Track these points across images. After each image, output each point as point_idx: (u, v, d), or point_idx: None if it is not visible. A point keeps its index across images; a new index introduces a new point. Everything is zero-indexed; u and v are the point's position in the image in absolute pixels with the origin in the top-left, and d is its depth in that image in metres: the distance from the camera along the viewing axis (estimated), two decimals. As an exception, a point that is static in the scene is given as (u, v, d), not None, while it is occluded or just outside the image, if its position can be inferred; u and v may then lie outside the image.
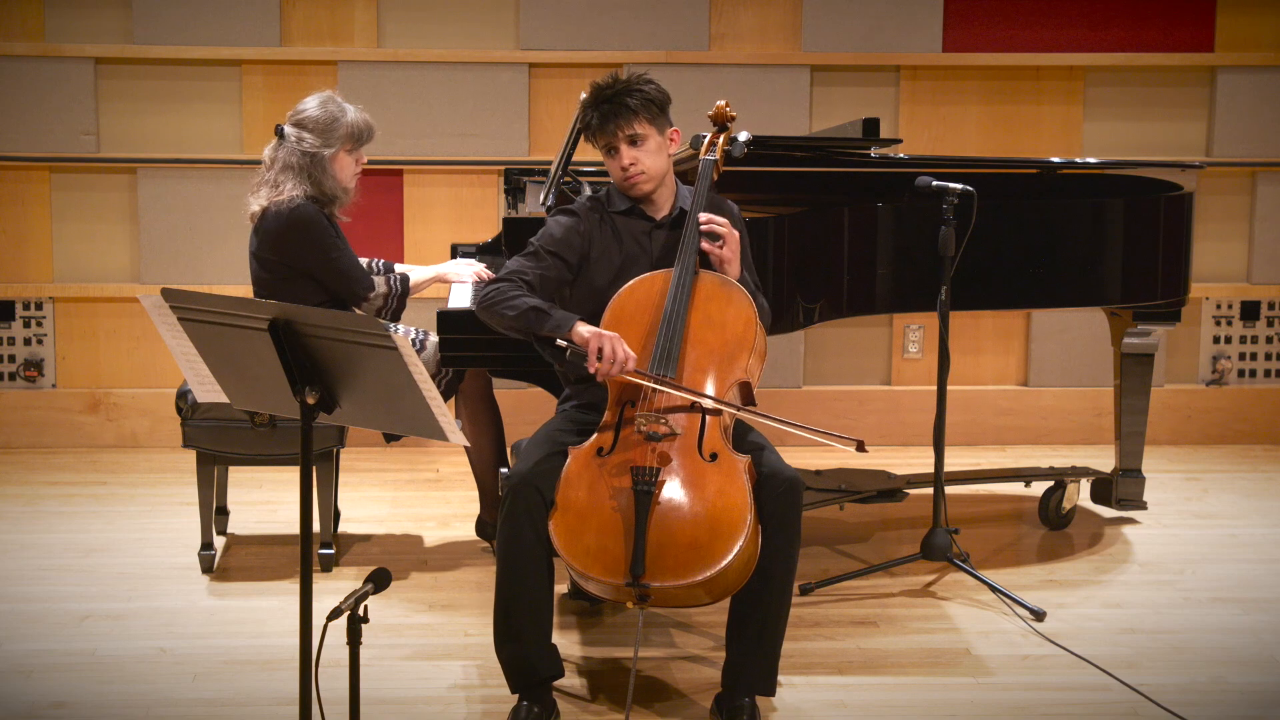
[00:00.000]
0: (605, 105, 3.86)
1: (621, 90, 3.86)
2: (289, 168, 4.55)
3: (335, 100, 4.62)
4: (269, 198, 4.55)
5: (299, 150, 4.55)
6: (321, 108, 4.58)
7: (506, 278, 3.89)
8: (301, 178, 4.54)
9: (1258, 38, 6.48)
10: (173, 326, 3.09)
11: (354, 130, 4.60)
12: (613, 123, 3.84)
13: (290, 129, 4.58)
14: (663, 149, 3.92)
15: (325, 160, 4.56)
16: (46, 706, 3.77)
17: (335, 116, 4.58)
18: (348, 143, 4.59)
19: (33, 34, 6.17)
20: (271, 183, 4.57)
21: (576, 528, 3.56)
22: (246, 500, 5.45)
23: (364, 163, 4.69)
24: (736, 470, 3.60)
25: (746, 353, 3.79)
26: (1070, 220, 4.90)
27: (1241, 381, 6.64)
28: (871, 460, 6.13)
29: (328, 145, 4.56)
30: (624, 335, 3.78)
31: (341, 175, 4.61)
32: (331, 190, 4.58)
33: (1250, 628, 4.40)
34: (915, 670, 4.06)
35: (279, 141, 4.59)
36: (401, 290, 4.63)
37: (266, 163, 4.61)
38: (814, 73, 6.35)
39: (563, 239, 3.95)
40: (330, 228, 4.57)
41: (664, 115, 3.91)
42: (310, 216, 4.51)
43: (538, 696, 3.67)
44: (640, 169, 3.88)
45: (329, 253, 4.53)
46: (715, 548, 3.48)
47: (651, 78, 3.94)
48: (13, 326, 6.28)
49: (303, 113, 4.59)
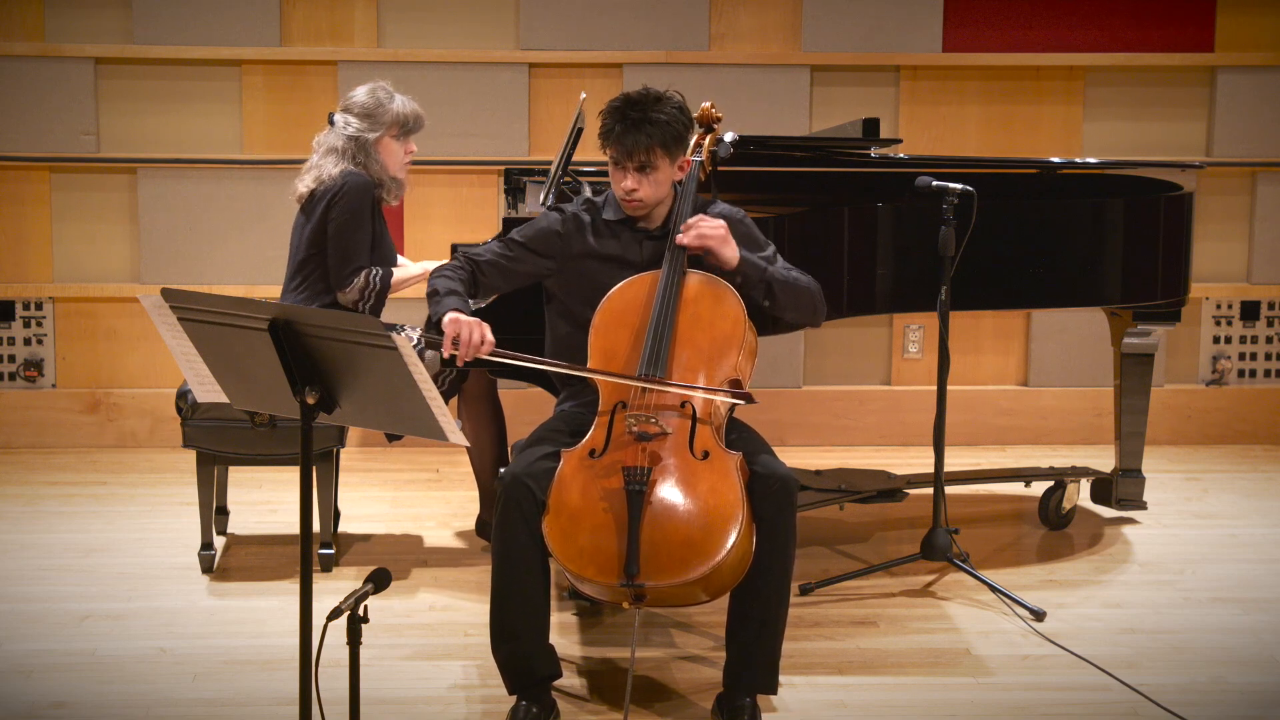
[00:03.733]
0: (628, 122, 3.81)
1: (648, 112, 3.80)
2: (333, 150, 4.65)
3: (385, 88, 4.71)
4: (315, 179, 4.63)
5: (344, 134, 4.63)
6: (370, 95, 4.68)
7: (457, 258, 3.99)
8: (346, 160, 4.63)
9: (1258, 38, 6.48)
10: (173, 326, 3.09)
11: (400, 117, 4.67)
12: (629, 143, 3.81)
13: (339, 115, 4.68)
14: (669, 179, 3.91)
15: (370, 145, 4.63)
16: (46, 706, 3.77)
17: (381, 102, 4.66)
18: (394, 128, 4.67)
19: (33, 34, 6.17)
20: (316, 165, 4.66)
21: (570, 530, 3.56)
22: (246, 500, 5.45)
23: (413, 152, 4.75)
24: (729, 467, 3.60)
25: (736, 350, 3.79)
26: (1070, 220, 4.90)
27: (1241, 381, 6.64)
28: (871, 460, 6.16)
29: (373, 130, 4.64)
30: (614, 337, 3.81)
31: (389, 161, 4.69)
32: (377, 175, 4.65)
33: (1250, 628, 4.40)
34: (915, 670, 4.06)
35: (329, 129, 4.68)
36: (380, 286, 4.63)
37: (315, 148, 4.71)
38: (814, 73, 6.35)
39: (538, 236, 4.00)
40: (368, 207, 4.62)
41: (681, 145, 3.88)
42: (359, 185, 4.59)
43: (536, 696, 3.66)
44: (640, 197, 3.88)
45: (348, 224, 4.58)
46: (709, 545, 3.49)
47: (681, 102, 3.88)
48: (13, 326, 6.28)
49: (351, 99, 4.69)
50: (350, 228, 4.58)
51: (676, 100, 3.87)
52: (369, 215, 4.62)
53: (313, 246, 4.65)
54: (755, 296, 3.92)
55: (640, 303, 3.84)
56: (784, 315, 4.01)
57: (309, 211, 4.65)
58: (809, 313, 4.02)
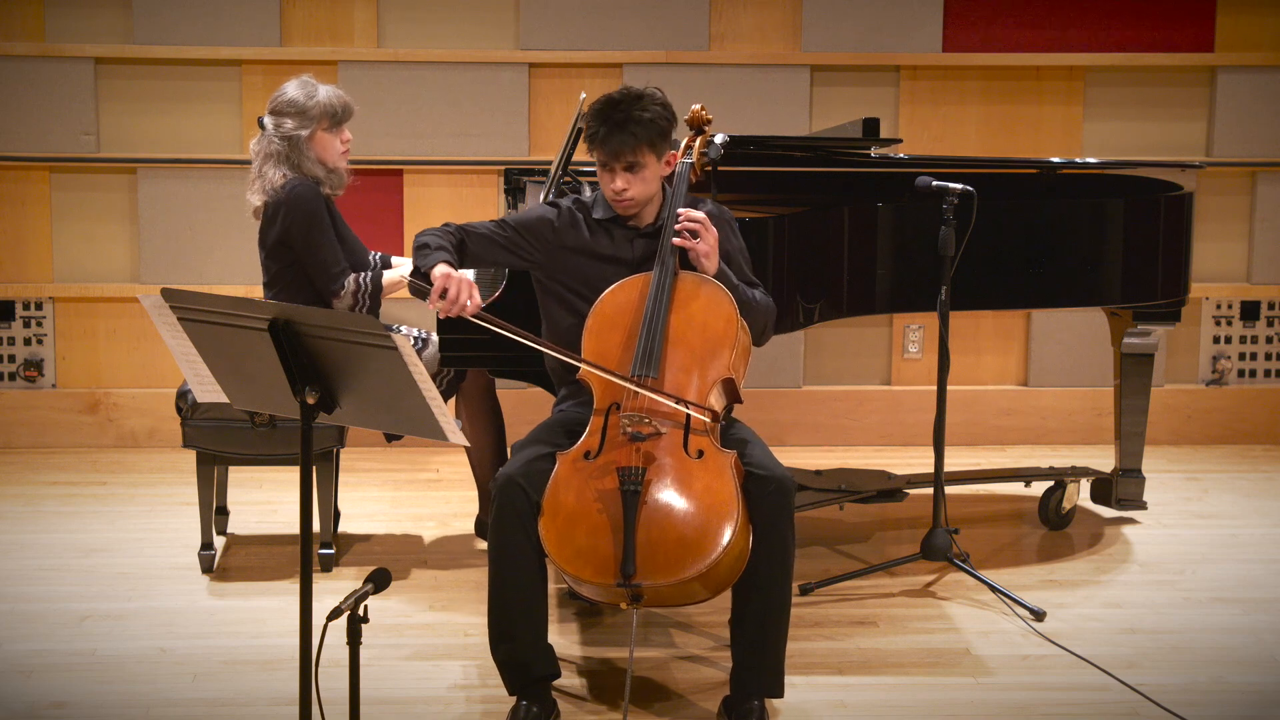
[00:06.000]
0: (612, 124, 3.82)
1: (631, 112, 3.82)
2: (270, 156, 4.63)
3: (310, 82, 4.68)
4: (263, 189, 4.61)
5: (277, 136, 4.61)
6: (295, 90, 4.65)
7: (449, 226, 3.97)
8: (282, 163, 4.61)
9: (1258, 38, 6.48)
10: (173, 326, 3.09)
11: (329, 108, 4.64)
12: (614, 145, 3.82)
13: (269, 119, 4.65)
14: (658, 175, 3.92)
15: (303, 142, 4.61)
16: (46, 706, 3.77)
17: (309, 96, 4.63)
18: (323, 121, 4.64)
19: (33, 34, 6.17)
20: (259, 174, 4.64)
21: (566, 532, 3.56)
22: (246, 500, 5.45)
23: (348, 141, 4.72)
24: (723, 466, 3.60)
25: (729, 350, 3.79)
26: (1070, 220, 4.90)
27: (1241, 381, 6.64)
28: (871, 460, 6.16)
29: (304, 126, 4.61)
30: (606, 338, 3.81)
31: (325, 155, 4.66)
32: (312, 171, 4.63)
33: (1250, 628, 4.40)
34: (915, 670, 4.06)
35: (261, 134, 4.66)
36: (372, 289, 4.62)
37: (252, 156, 4.68)
38: (814, 73, 6.34)
39: (531, 222, 4.00)
40: (323, 211, 4.60)
41: (666, 141, 3.89)
42: (305, 195, 4.56)
43: (536, 696, 3.66)
44: (630, 196, 3.89)
45: (311, 235, 4.56)
46: (704, 543, 3.48)
47: (663, 98, 3.90)
48: (13, 326, 6.28)
49: (277, 98, 4.66)
50: (315, 237, 4.56)
51: (658, 97, 3.89)
52: (327, 219, 4.60)
53: (276, 260, 4.63)
54: None
55: (633, 305, 3.84)
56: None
57: (266, 224, 4.62)
58: (757, 332, 4.02)
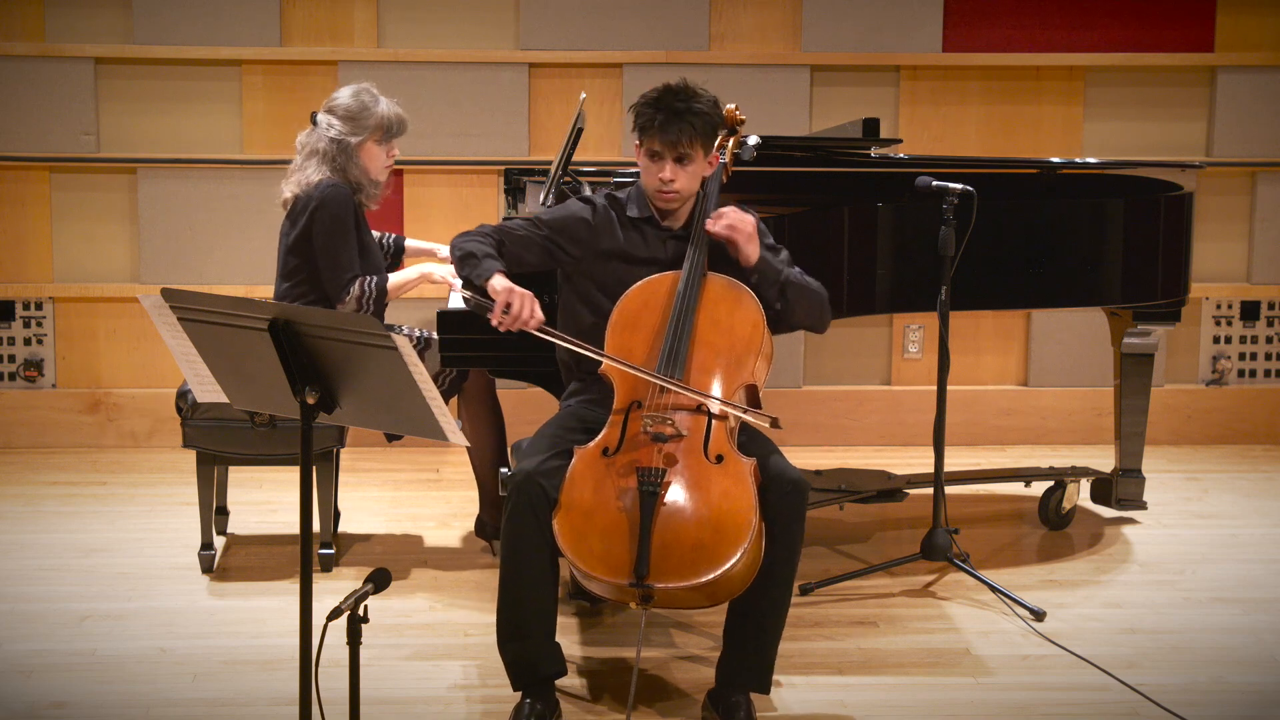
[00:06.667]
0: (671, 112, 3.80)
1: (690, 103, 3.81)
2: (315, 153, 4.63)
3: (370, 91, 4.68)
4: (298, 183, 4.62)
5: (327, 137, 4.61)
6: (354, 97, 4.65)
7: (485, 228, 3.94)
8: (327, 164, 4.61)
9: (1258, 38, 6.48)
10: (173, 326, 3.09)
11: (384, 121, 4.65)
12: (672, 134, 3.80)
13: (322, 116, 4.66)
14: (701, 171, 3.92)
15: (352, 148, 4.61)
16: (46, 706, 3.77)
17: (366, 105, 4.63)
18: (376, 133, 4.64)
19: (33, 34, 6.17)
20: (299, 168, 4.64)
21: (581, 527, 3.56)
22: (246, 500, 5.45)
23: (395, 155, 4.73)
24: (742, 473, 3.59)
25: (754, 356, 3.79)
26: (1070, 220, 4.90)
27: (1241, 381, 6.64)
28: (871, 460, 6.16)
29: (356, 133, 4.61)
30: (632, 336, 3.79)
31: (370, 165, 4.66)
32: (357, 179, 4.64)
33: (1250, 628, 4.40)
34: (915, 670, 4.06)
35: (311, 128, 4.66)
36: (377, 294, 4.62)
37: (298, 149, 4.69)
38: (814, 73, 6.34)
39: (568, 220, 3.97)
40: (350, 218, 4.60)
41: (714, 138, 3.90)
42: (337, 197, 4.57)
43: (540, 694, 3.67)
44: (677, 188, 3.87)
45: (332, 237, 4.56)
46: (719, 550, 3.48)
47: (714, 96, 3.89)
48: (13, 326, 6.28)
49: (335, 100, 4.66)
50: (336, 240, 4.57)
51: (710, 94, 3.89)
52: (353, 224, 4.60)
53: (297, 255, 4.64)
54: (769, 296, 3.91)
55: (659, 302, 3.83)
56: (793, 318, 4.00)
57: (293, 218, 4.64)
58: (817, 317, 4.02)
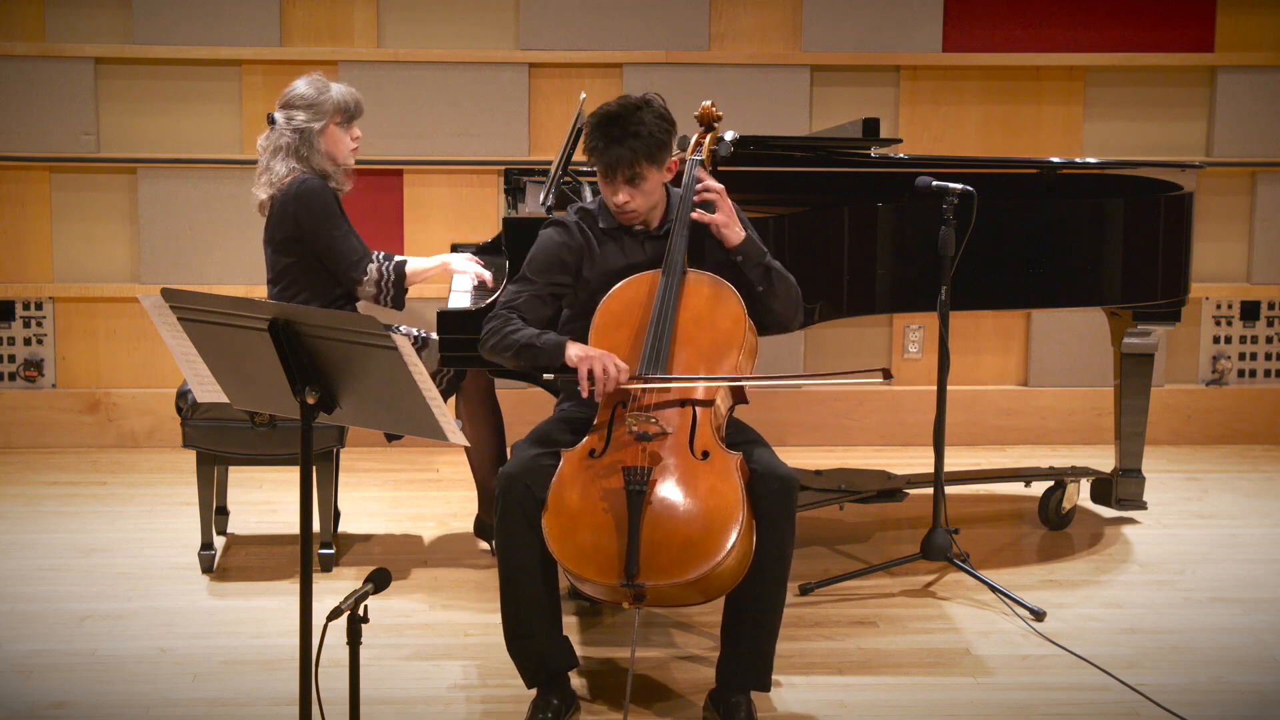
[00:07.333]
0: (609, 139, 3.79)
1: (628, 127, 3.77)
2: (278, 150, 4.65)
3: (320, 79, 4.72)
4: (269, 183, 4.62)
5: (289, 129, 4.63)
6: (308, 85, 4.68)
7: (499, 314, 3.92)
8: (290, 156, 4.62)
9: (1258, 38, 6.48)
10: (173, 326, 3.09)
11: (342, 102, 4.68)
12: (612, 159, 3.79)
13: (279, 113, 4.67)
14: (659, 184, 3.90)
15: (314, 135, 4.63)
16: (46, 706, 3.77)
17: (321, 90, 4.67)
18: (337, 115, 4.66)
19: (33, 34, 6.17)
20: (266, 168, 4.65)
21: (570, 529, 3.57)
22: (246, 500, 5.45)
23: (358, 138, 4.74)
24: (729, 468, 3.60)
25: (736, 350, 3.79)
26: (1070, 220, 4.90)
27: (1241, 381, 6.64)
28: (871, 460, 6.16)
29: (317, 118, 4.63)
30: (613, 336, 3.80)
31: (335, 150, 4.68)
32: (320, 166, 4.65)
33: (1250, 628, 4.40)
34: (915, 670, 4.06)
35: (270, 129, 4.67)
36: (395, 276, 4.64)
37: (260, 151, 4.70)
38: (814, 73, 6.34)
39: (551, 259, 3.96)
40: (334, 203, 4.63)
41: (665, 151, 3.84)
42: (315, 188, 4.59)
43: (555, 688, 3.68)
44: (633, 208, 3.88)
45: (330, 228, 4.59)
46: (709, 545, 3.49)
47: (661, 106, 3.84)
48: (13, 326, 6.28)
49: (290, 94, 4.68)
50: (331, 228, 4.59)
51: (656, 106, 3.84)
52: (338, 210, 4.63)
53: (287, 254, 4.64)
54: (753, 278, 3.91)
55: (640, 302, 3.84)
56: (773, 305, 3.98)
57: (275, 219, 4.64)
58: (793, 309, 4.01)
